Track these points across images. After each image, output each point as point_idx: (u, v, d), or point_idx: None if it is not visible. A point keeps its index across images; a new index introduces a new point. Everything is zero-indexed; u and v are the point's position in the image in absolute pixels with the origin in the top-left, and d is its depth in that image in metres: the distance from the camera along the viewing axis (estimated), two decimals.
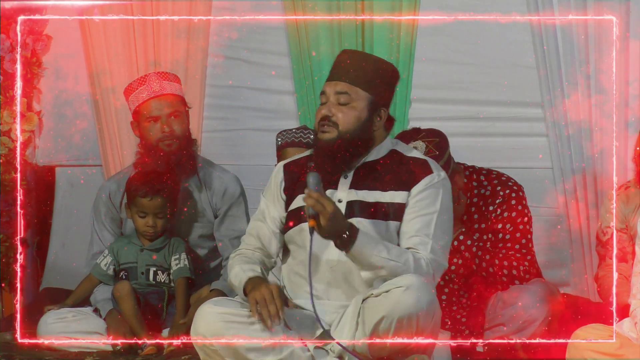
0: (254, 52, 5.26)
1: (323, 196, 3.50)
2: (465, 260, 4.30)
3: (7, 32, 5.10)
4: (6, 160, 5.11)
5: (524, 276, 4.29)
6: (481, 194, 4.42)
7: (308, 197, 3.48)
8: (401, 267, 3.57)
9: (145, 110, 4.57)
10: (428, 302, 3.51)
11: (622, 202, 4.41)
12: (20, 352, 4.11)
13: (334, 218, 3.48)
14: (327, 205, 3.47)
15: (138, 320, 4.37)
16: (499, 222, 4.34)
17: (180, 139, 4.58)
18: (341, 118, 3.67)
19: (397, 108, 5.11)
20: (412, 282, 3.50)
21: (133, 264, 4.52)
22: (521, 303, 4.19)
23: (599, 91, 4.99)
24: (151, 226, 4.46)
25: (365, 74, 3.69)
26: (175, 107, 4.57)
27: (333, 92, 3.69)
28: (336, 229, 3.51)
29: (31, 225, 5.25)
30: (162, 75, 4.62)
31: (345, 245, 3.54)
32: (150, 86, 4.58)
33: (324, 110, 3.69)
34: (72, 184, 5.38)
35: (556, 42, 5.02)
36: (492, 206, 4.38)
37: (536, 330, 4.16)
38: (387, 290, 3.53)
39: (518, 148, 4.75)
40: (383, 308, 3.50)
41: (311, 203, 3.47)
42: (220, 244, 4.67)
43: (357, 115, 3.69)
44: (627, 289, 3.81)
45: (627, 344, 3.65)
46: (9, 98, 5.12)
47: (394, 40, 5.13)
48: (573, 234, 5.09)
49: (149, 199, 4.45)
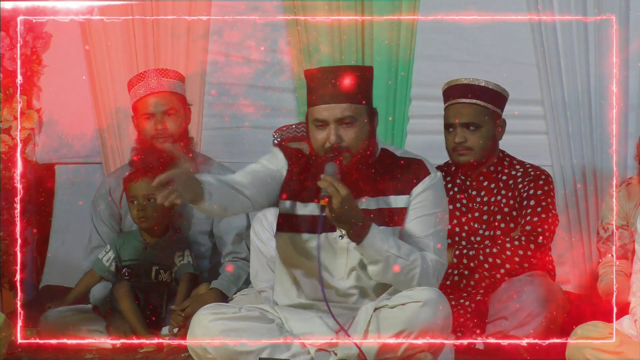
0: (253, 50, 5.25)
1: (338, 180, 3.46)
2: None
3: (7, 30, 5.11)
4: (6, 157, 5.11)
5: (543, 242, 4.32)
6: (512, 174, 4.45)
7: (322, 180, 3.45)
8: (409, 265, 3.56)
9: (141, 107, 4.59)
10: (444, 317, 3.53)
11: (623, 199, 4.41)
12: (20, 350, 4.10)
13: (346, 203, 3.44)
14: (341, 190, 3.44)
15: (138, 319, 4.37)
16: (525, 199, 4.39)
17: (174, 137, 4.57)
18: (351, 140, 3.60)
19: (397, 106, 5.12)
20: (430, 296, 3.51)
21: (135, 261, 4.52)
22: (524, 298, 4.20)
23: (598, 89, 4.99)
24: (141, 210, 4.44)
25: (357, 86, 3.61)
26: (171, 105, 4.57)
27: (333, 117, 3.59)
28: (348, 215, 3.47)
29: (31, 223, 5.25)
30: (162, 72, 4.62)
31: (358, 235, 3.52)
32: (148, 82, 4.59)
33: (332, 137, 3.58)
34: (72, 181, 5.39)
35: (556, 39, 5.03)
36: (521, 184, 4.42)
37: (537, 326, 4.16)
38: (403, 304, 3.53)
39: (518, 145, 4.74)
40: (400, 322, 3.50)
41: (325, 185, 3.43)
42: (218, 240, 4.67)
43: (364, 131, 3.63)
44: (627, 287, 3.81)
45: (627, 341, 3.65)
46: (9, 95, 5.13)
47: (393, 40, 5.13)
48: (573, 231, 5.09)
49: (135, 182, 4.46)
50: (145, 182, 4.43)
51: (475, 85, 4.41)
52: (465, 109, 4.40)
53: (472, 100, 4.40)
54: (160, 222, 4.52)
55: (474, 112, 4.39)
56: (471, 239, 4.44)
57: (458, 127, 4.39)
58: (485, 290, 4.33)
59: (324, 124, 3.61)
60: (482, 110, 4.41)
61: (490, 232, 4.41)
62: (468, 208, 4.46)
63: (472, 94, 4.39)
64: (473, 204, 4.45)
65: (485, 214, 4.44)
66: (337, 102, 3.59)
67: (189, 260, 4.51)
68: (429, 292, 3.53)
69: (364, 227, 3.51)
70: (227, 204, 3.50)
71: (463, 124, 4.38)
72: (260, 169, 3.68)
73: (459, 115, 4.39)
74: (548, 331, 4.14)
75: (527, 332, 4.14)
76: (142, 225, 4.50)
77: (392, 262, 3.54)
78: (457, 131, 4.40)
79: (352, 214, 3.48)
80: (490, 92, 4.43)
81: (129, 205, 4.50)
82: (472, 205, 4.45)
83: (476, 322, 4.26)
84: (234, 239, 4.64)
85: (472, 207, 4.45)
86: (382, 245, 3.53)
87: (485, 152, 4.43)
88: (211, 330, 3.54)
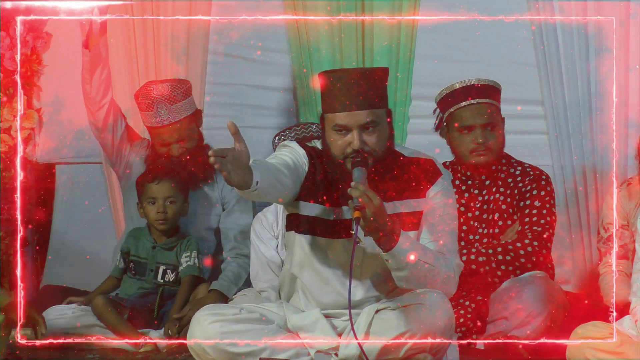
0: (253, 50, 5.25)
1: (369, 190, 3.40)
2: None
3: (7, 30, 5.10)
4: (6, 157, 5.11)
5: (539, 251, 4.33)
6: (510, 172, 4.45)
7: (354, 189, 3.36)
8: (433, 270, 3.54)
9: (156, 135, 4.61)
10: (446, 319, 3.55)
11: (624, 199, 4.41)
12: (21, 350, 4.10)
13: (380, 213, 3.39)
14: (374, 199, 3.37)
15: (125, 329, 4.34)
16: (527, 199, 4.39)
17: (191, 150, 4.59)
18: (374, 144, 3.57)
19: (397, 106, 5.12)
20: (432, 299, 3.53)
21: (144, 259, 4.52)
22: (524, 298, 4.19)
23: (598, 88, 4.99)
24: (162, 212, 4.45)
25: (377, 91, 3.59)
26: (185, 132, 4.58)
27: (357, 123, 3.55)
28: (381, 225, 3.41)
29: (31, 223, 5.24)
30: (170, 99, 4.57)
31: (387, 242, 3.46)
32: (159, 114, 4.56)
33: (356, 143, 3.54)
34: (72, 181, 5.38)
35: (556, 39, 5.03)
36: (521, 183, 4.41)
37: (538, 326, 4.16)
38: (405, 306, 3.54)
39: (518, 145, 4.74)
40: (402, 324, 3.51)
41: (357, 195, 3.35)
42: (223, 236, 4.68)
43: (385, 134, 3.62)
44: (628, 287, 3.81)
45: (628, 341, 3.65)
46: (9, 95, 5.13)
47: (393, 40, 5.13)
48: (573, 231, 5.09)
49: (156, 183, 4.46)
50: (167, 185, 4.44)
51: (487, 86, 4.41)
52: (483, 110, 4.38)
53: (487, 100, 4.40)
54: (176, 224, 4.53)
55: (492, 112, 4.39)
56: (470, 237, 4.43)
57: (478, 128, 4.38)
58: (486, 290, 4.33)
59: (346, 129, 3.57)
60: (497, 110, 4.42)
61: (489, 231, 4.41)
62: (468, 207, 4.46)
63: (487, 94, 4.39)
64: (474, 203, 4.45)
65: (485, 212, 4.44)
66: (360, 109, 3.55)
67: (195, 262, 4.51)
68: (431, 295, 3.53)
69: (393, 234, 3.46)
70: (267, 192, 3.40)
71: (483, 124, 4.37)
72: (290, 162, 3.60)
73: (478, 117, 4.38)
74: (548, 331, 4.13)
75: (528, 332, 4.14)
76: (160, 227, 4.50)
77: (419, 268, 3.52)
78: (477, 132, 4.38)
79: (383, 223, 3.42)
80: (497, 91, 4.44)
81: (146, 208, 4.49)
82: (473, 205, 4.45)
83: (476, 322, 4.26)
84: (238, 234, 4.65)
85: (473, 206, 4.45)
86: (409, 252, 3.47)
87: (501, 151, 4.44)
88: (210, 333, 3.54)
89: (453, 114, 4.42)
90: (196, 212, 4.67)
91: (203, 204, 4.68)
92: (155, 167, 4.53)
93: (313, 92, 5.14)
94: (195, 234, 4.65)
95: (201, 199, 4.68)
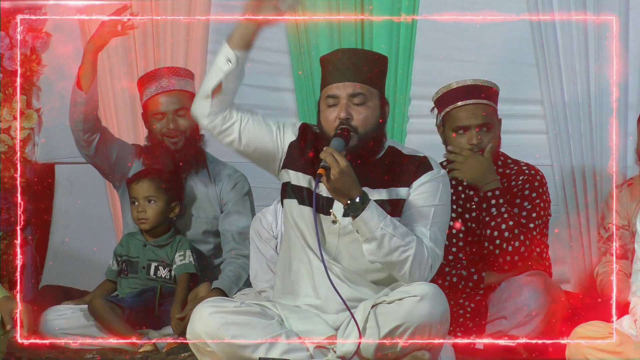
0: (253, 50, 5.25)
1: (338, 153, 3.48)
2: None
3: (6, 30, 5.11)
4: (6, 157, 5.11)
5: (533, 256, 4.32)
6: (506, 173, 4.45)
7: (324, 151, 3.48)
8: (404, 246, 3.56)
9: (153, 106, 4.60)
10: (442, 312, 3.53)
11: (626, 199, 4.42)
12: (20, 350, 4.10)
13: (344, 175, 3.46)
14: (341, 161, 3.46)
15: (124, 329, 4.34)
16: (519, 198, 4.39)
17: (186, 135, 4.59)
18: (361, 120, 3.63)
19: (396, 105, 5.12)
20: (427, 291, 3.51)
21: (135, 258, 4.53)
22: (523, 297, 4.19)
23: (598, 88, 5.00)
24: (142, 211, 4.46)
25: (371, 70, 3.66)
26: (183, 104, 4.58)
27: (346, 94, 3.63)
28: (345, 187, 3.48)
29: (31, 223, 5.25)
30: (173, 70, 4.62)
31: (354, 209, 3.52)
32: (159, 81, 4.59)
33: (342, 113, 3.62)
34: (72, 181, 5.38)
35: (556, 39, 5.03)
36: (514, 182, 4.41)
37: (537, 325, 4.16)
38: (400, 298, 3.53)
39: (518, 145, 4.75)
40: (398, 316, 3.50)
41: (325, 156, 3.46)
42: (222, 237, 4.68)
43: (373, 114, 3.67)
44: (627, 286, 3.81)
45: (627, 341, 3.65)
46: (9, 95, 5.13)
47: (393, 40, 5.13)
48: (573, 231, 5.09)
49: (136, 183, 4.47)
50: (146, 184, 4.45)
51: (484, 86, 4.41)
52: (478, 110, 4.38)
53: (484, 101, 4.39)
54: (160, 224, 4.53)
55: (488, 113, 4.39)
56: (468, 239, 4.43)
57: (473, 128, 4.38)
58: (485, 290, 4.33)
59: (336, 102, 3.64)
60: (493, 110, 4.42)
61: (486, 232, 4.40)
62: (465, 208, 4.45)
63: (484, 95, 4.39)
64: (470, 204, 4.45)
65: (481, 213, 4.44)
66: (350, 80, 3.64)
67: (191, 260, 4.51)
68: (426, 287, 3.53)
69: (362, 202, 3.51)
70: (231, 100, 3.71)
71: (478, 125, 4.38)
72: (271, 125, 3.77)
73: (473, 117, 4.38)
74: (548, 331, 4.14)
75: (527, 332, 4.14)
76: (142, 227, 4.52)
77: (387, 241, 3.54)
78: (473, 133, 4.38)
79: (349, 187, 3.49)
80: (495, 92, 4.44)
81: (131, 208, 4.52)
82: (470, 205, 4.45)
83: (476, 322, 4.26)
84: (237, 235, 4.64)
85: (470, 207, 4.45)
86: (378, 223, 3.52)
87: (497, 152, 4.44)
88: (211, 324, 3.54)
89: (449, 113, 4.42)
90: (194, 213, 4.67)
91: (201, 206, 4.68)
92: (143, 169, 4.54)
93: (313, 92, 5.14)
94: (193, 236, 4.65)
95: (200, 201, 4.68)
